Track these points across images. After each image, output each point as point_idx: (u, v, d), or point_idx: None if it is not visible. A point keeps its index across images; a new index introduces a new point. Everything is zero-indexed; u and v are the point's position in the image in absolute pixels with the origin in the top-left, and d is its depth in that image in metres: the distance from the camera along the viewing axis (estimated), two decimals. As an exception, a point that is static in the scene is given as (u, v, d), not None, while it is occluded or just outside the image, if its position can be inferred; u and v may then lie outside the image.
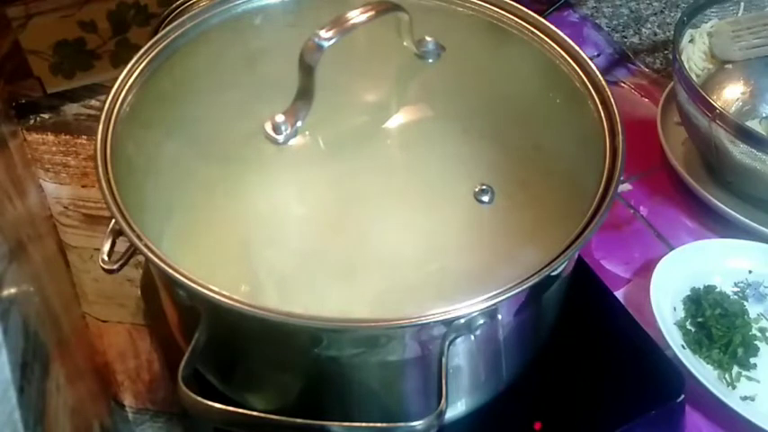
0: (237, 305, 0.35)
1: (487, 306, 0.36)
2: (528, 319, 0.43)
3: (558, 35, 0.49)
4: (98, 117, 0.43)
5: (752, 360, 0.56)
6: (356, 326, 0.36)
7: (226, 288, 0.36)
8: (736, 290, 0.60)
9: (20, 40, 0.72)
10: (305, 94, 0.47)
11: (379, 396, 0.43)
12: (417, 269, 0.46)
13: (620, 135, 0.43)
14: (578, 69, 0.47)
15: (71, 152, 0.72)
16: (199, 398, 0.36)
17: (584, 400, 0.50)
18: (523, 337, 0.45)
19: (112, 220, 0.43)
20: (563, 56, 0.48)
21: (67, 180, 0.70)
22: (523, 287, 0.37)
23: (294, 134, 0.48)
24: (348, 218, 0.49)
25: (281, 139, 0.48)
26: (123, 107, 0.45)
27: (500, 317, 0.40)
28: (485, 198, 0.49)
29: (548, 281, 0.38)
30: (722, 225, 0.65)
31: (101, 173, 0.40)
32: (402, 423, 0.35)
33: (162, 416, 0.54)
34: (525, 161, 0.51)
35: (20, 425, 0.33)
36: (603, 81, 0.46)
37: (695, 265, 0.61)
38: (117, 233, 0.46)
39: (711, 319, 0.57)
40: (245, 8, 0.51)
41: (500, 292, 0.36)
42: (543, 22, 0.50)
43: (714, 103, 0.61)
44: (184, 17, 0.49)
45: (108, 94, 0.45)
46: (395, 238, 0.48)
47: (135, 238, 0.38)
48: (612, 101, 0.45)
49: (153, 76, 0.47)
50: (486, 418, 0.47)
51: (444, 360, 0.37)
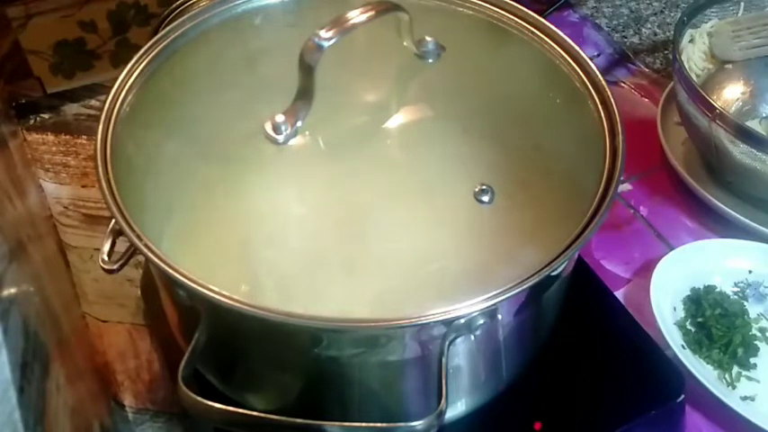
0: (237, 305, 0.35)
1: (487, 306, 0.36)
2: (528, 319, 0.43)
3: (558, 35, 0.49)
4: (98, 117, 0.43)
5: (752, 360, 0.56)
6: (356, 326, 0.37)
7: (226, 288, 0.36)
8: (736, 290, 0.60)
9: (20, 40, 0.72)
10: (305, 94, 0.47)
11: (379, 396, 0.43)
12: (417, 269, 0.46)
13: (620, 135, 0.43)
14: (578, 69, 0.47)
15: (71, 152, 0.72)
16: (199, 398, 0.36)
17: (584, 400, 0.50)
18: (523, 337, 0.45)
19: (112, 220, 0.43)
20: (563, 56, 0.48)
21: (67, 180, 0.70)
22: (523, 287, 0.37)
23: (294, 134, 0.49)
24: (348, 218, 0.48)
25: (281, 139, 0.48)
26: (123, 107, 0.45)
27: (500, 317, 0.40)
28: (485, 198, 0.49)
29: (548, 281, 0.38)
30: (722, 225, 0.65)
31: (101, 173, 0.40)
32: (402, 423, 0.36)
33: (162, 416, 0.54)
34: (525, 161, 0.51)
35: (20, 425, 0.33)
36: (603, 81, 0.46)
37: (695, 265, 0.61)
38: (117, 233, 0.46)
39: (711, 319, 0.57)
40: (245, 8, 0.51)
41: (500, 292, 0.36)
42: (543, 22, 0.50)
43: (714, 103, 0.61)
44: (184, 17, 0.49)
45: (108, 94, 0.45)
46: (395, 238, 0.48)
47: (135, 238, 0.38)
48: (612, 101, 0.45)
49: (153, 76, 0.47)
50: (486, 418, 0.47)
51: (444, 360, 0.37)
